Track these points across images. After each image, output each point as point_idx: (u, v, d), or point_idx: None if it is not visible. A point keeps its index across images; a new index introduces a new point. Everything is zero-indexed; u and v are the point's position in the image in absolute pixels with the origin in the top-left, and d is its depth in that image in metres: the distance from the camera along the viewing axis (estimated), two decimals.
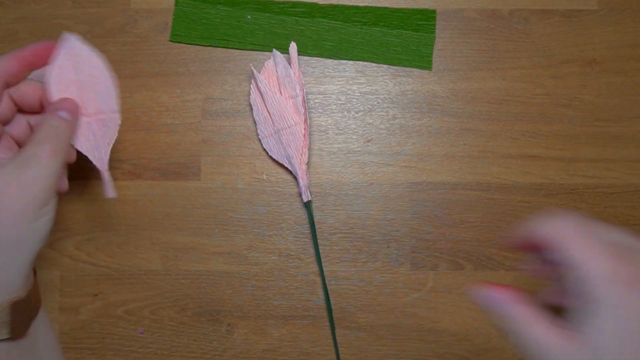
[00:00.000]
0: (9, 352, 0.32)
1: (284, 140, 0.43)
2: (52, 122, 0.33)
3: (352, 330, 0.44)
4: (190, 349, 0.44)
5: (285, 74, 0.43)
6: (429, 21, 0.46)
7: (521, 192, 0.45)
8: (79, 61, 0.35)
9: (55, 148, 0.32)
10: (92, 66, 0.35)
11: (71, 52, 0.35)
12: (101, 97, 0.36)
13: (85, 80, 0.35)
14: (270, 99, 0.43)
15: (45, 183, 0.31)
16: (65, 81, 0.35)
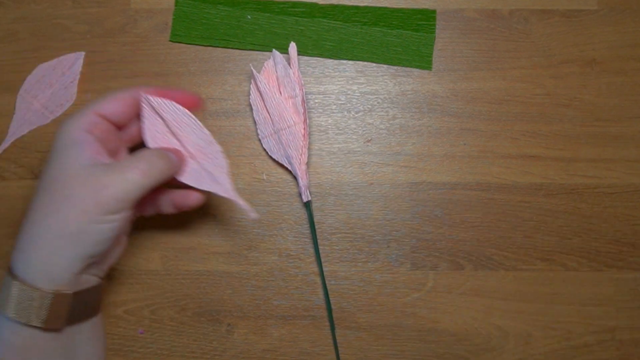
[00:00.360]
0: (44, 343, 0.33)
1: (284, 140, 0.43)
2: (156, 152, 0.36)
3: (352, 330, 0.44)
4: (190, 349, 0.44)
5: (284, 74, 0.43)
6: (429, 21, 0.46)
7: (521, 192, 0.45)
8: (161, 113, 0.37)
9: (148, 172, 0.34)
10: (173, 112, 0.37)
11: (152, 107, 0.37)
12: (195, 136, 0.38)
13: (175, 127, 0.37)
14: (270, 99, 0.43)
15: (122, 193, 0.33)
16: (161, 135, 0.38)
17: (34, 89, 0.46)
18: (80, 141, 0.34)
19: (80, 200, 0.32)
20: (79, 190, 0.32)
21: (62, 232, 0.32)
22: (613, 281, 0.44)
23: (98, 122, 0.35)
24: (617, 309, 0.44)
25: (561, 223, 0.45)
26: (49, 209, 0.33)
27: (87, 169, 0.33)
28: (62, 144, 0.34)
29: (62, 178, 0.33)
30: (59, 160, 0.34)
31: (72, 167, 0.33)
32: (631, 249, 0.45)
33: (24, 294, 0.32)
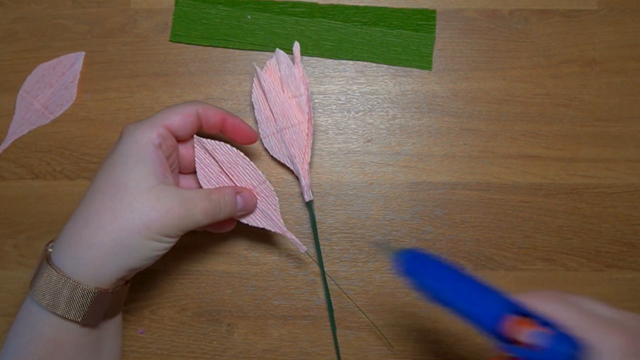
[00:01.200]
0: (77, 338, 0.34)
1: (287, 139, 0.43)
2: (227, 193, 0.37)
3: (352, 330, 0.44)
4: (190, 349, 0.44)
5: (288, 73, 0.43)
6: (429, 21, 0.46)
7: (521, 192, 0.45)
8: (215, 154, 0.38)
9: (210, 212, 0.36)
10: (226, 153, 0.39)
11: (205, 149, 0.38)
12: (247, 175, 0.39)
13: (227, 167, 0.39)
14: (274, 97, 0.43)
15: (184, 224, 0.35)
16: (214, 175, 0.39)
17: (34, 89, 0.46)
18: (152, 157, 0.34)
19: (146, 216, 0.33)
20: (147, 205, 0.33)
21: (120, 241, 0.33)
22: (613, 281, 0.44)
23: (166, 137, 0.36)
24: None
25: (561, 223, 0.45)
26: (111, 216, 0.33)
27: (157, 187, 0.34)
28: (131, 153, 0.34)
29: (129, 189, 0.33)
30: (127, 169, 0.34)
31: (141, 181, 0.34)
32: (631, 249, 0.45)
33: (66, 288, 0.33)
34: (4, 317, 0.45)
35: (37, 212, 0.45)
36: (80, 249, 0.33)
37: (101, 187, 0.34)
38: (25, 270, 0.45)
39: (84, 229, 0.34)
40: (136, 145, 0.34)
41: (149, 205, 0.33)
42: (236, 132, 0.40)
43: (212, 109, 0.38)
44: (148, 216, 0.33)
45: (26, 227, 0.45)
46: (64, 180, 0.45)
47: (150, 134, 0.35)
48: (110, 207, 0.33)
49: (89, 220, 0.34)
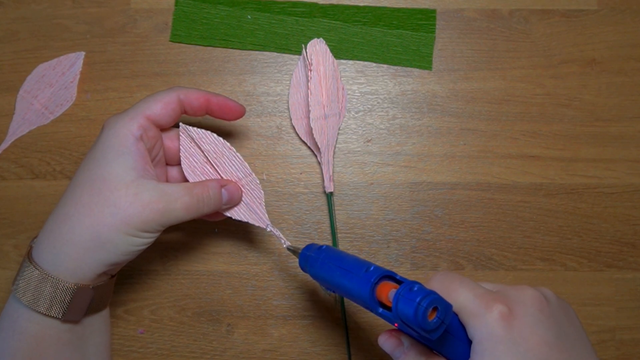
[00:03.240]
0: (59, 333, 0.34)
1: (329, 126, 0.43)
2: (211, 187, 0.36)
3: (352, 330, 0.44)
4: (190, 349, 0.44)
5: (330, 63, 0.44)
6: (428, 21, 0.46)
7: (521, 192, 0.45)
8: (200, 144, 0.37)
9: (192, 208, 0.35)
10: (212, 143, 0.38)
11: (191, 138, 0.37)
12: (233, 166, 0.38)
13: (213, 158, 0.38)
14: (330, 82, 0.43)
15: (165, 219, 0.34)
16: (199, 165, 0.38)
17: (34, 89, 0.45)
18: (132, 150, 0.34)
19: (124, 211, 0.33)
20: (125, 201, 0.33)
21: (98, 236, 0.33)
22: (613, 281, 0.44)
23: (147, 128, 0.35)
24: (617, 309, 0.44)
25: (561, 223, 0.44)
26: (89, 210, 0.33)
27: (136, 181, 0.33)
28: (111, 146, 0.34)
29: (108, 183, 0.33)
30: (107, 163, 0.33)
31: (120, 175, 0.33)
32: (631, 249, 0.44)
33: (46, 285, 0.33)
34: None
35: (37, 212, 0.45)
36: (59, 244, 0.33)
37: (80, 181, 0.34)
38: None
39: (62, 223, 0.33)
40: (116, 138, 0.34)
41: (126, 200, 0.33)
42: (223, 110, 0.39)
43: (194, 92, 0.37)
44: (126, 212, 0.32)
45: (26, 227, 0.45)
46: (64, 180, 0.45)
47: (131, 126, 0.34)
48: (88, 202, 0.33)
49: (67, 215, 0.33)
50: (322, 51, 0.44)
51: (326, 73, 0.43)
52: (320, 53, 0.44)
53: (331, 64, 0.44)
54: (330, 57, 0.44)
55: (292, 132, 0.45)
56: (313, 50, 0.43)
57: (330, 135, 0.44)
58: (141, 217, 0.33)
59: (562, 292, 0.44)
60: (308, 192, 0.45)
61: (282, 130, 0.45)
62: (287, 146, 0.45)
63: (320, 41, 0.44)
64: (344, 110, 0.44)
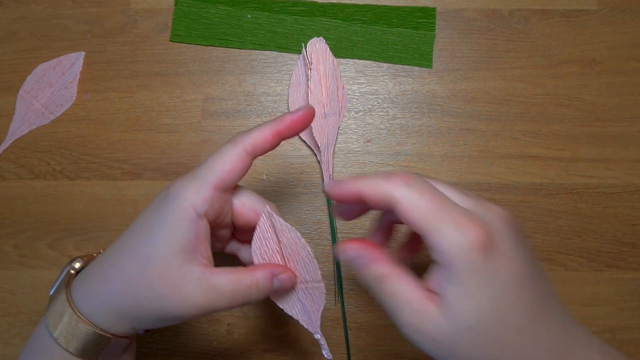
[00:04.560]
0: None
1: (329, 124, 0.43)
2: (261, 279, 0.32)
3: (352, 330, 0.44)
4: (190, 349, 0.44)
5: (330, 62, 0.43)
6: (428, 19, 0.45)
7: (521, 192, 0.44)
8: (280, 234, 0.35)
9: (237, 302, 0.31)
10: (290, 238, 0.35)
11: (271, 224, 0.35)
12: (304, 268, 0.36)
13: (287, 253, 0.35)
14: (329, 81, 0.43)
15: (195, 314, 0.31)
16: (269, 252, 0.35)
17: (34, 89, 0.45)
18: (190, 230, 0.30)
19: (163, 301, 0.30)
20: (167, 291, 0.30)
21: (133, 314, 0.31)
22: (613, 281, 0.44)
23: (215, 199, 0.31)
24: (617, 309, 0.44)
25: (561, 223, 0.44)
26: (132, 288, 0.31)
27: (181, 269, 0.30)
28: (168, 222, 0.31)
29: (152, 265, 0.30)
30: (158, 239, 0.31)
31: (167, 259, 0.30)
32: (631, 249, 0.44)
33: (90, 335, 0.32)
34: (3, 317, 0.44)
35: (37, 212, 0.45)
36: (99, 303, 0.32)
37: (131, 245, 0.32)
38: (25, 270, 0.44)
39: (104, 285, 0.32)
40: (176, 213, 0.30)
41: (167, 292, 0.30)
42: (296, 128, 0.34)
43: (260, 136, 0.32)
44: (163, 303, 0.30)
45: (26, 227, 0.45)
46: (64, 180, 0.45)
47: (196, 200, 0.30)
48: (133, 278, 0.31)
49: (110, 279, 0.32)
50: (322, 50, 0.43)
51: (326, 72, 0.43)
52: (320, 52, 0.43)
53: (331, 62, 0.43)
54: (330, 56, 0.43)
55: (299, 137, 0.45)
56: (313, 49, 0.43)
57: (330, 135, 0.43)
58: (179, 311, 0.30)
59: (562, 292, 0.44)
60: (308, 192, 0.45)
61: None
62: (287, 146, 0.45)
63: (320, 40, 0.43)
64: (344, 110, 0.44)
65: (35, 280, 0.44)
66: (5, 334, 0.44)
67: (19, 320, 0.44)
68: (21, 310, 0.44)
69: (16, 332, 0.44)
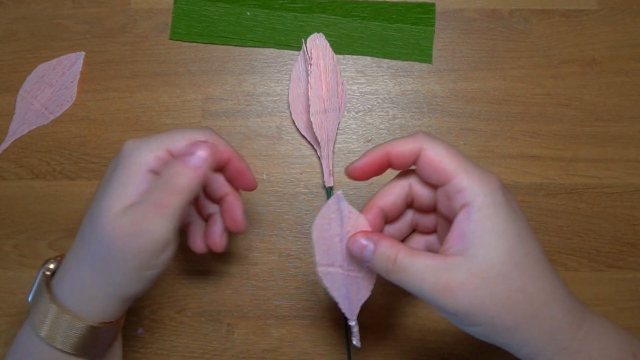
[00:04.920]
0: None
1: (329, 120, 0.43)
2: (176, 166, 0.31)
3: None
4: (190, 349, 0.44)
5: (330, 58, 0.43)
6: (428, 14, 0.45)
7: (521, 192, 0.44)
8: (343, 218, 0.34)
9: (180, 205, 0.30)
10: (355, 225, 0.33)
11: (338, 208, 0.33)
12: (359, 264, 0.34)
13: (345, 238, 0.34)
14: (330, 77, 0.43)
15: (163, 237, 0.30)
16: (330, 235, 0.34)
17: (34, 89, 0.45)
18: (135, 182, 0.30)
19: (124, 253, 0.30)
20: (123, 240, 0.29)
21: (110, 281, 0.31)
22: (613, 281, 0.44)
23: (167, 161, 0.31)
24: (617, 309, 0.44)
25: (561, 223, 0.44)
26: (96, 255, 0.30)
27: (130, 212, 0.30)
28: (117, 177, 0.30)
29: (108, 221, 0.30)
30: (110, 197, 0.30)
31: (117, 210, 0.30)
32: (631, 249, 0.44)
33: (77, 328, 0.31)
34: (3, 317, 0.44)
35: (37, 212, 0.44)
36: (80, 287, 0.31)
37: (88, 216, 0.32)
38: (25, 270, 0.44)
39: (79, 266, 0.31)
40: (126, 169, 0.31)
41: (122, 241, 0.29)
42: (238, 178, 0.35)
43: (222, 144, 0.34)
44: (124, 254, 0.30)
45: (26, 227, 0.44)
46: (64, 180, 0.45)
47: (148, 158, 0.31)
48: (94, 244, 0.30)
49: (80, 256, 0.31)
50: (322, 46, 0.43)
51: (326, 67, 0.42)
52: (320, 47, 0.43)
53: (331, 58, 0.43)
54: (330, 52, 0.43)
55: (292, 132, 0.45)
56: (313, 45, 0.43)
57: (330, 130, 0.43)
58: (149, 243, 0.30)
59: None
60: (308, 192, 0.44)
61: (282, 130, 0.45)
62: (287, 146, 0.45)
63: (320, 36, 0.43)
64: (343, 105, 0.44)
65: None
66: (5, 334, 0.44)
67: (19, 320, 0.44)
68: (21, 310, 0.44)
69: (16, 332, 0.44)
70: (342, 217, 0.33)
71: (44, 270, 0.33)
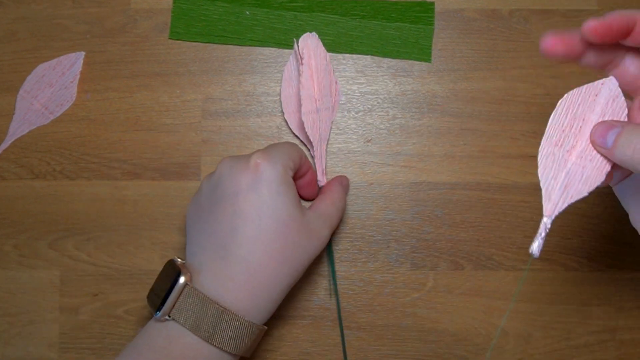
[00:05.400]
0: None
1: (322, 119, 0.42)
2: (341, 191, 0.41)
3: (352, 330, 0.43)
4: None
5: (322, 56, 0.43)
6: (427, 13, 0.45)
7: (521, 192, 0.44)
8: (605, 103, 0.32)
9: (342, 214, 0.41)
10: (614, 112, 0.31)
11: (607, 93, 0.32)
12: None
13: None
14: (322, 76, 0.42)
15: (328, 239, 0.38)
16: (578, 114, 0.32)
17: (34, 89, 0.45)
18: (294, 188, 0.36)
19: (308, 251, 0.36)
20: (305, 239, 0.36)
21: (290, 281, 0.36)
22: (613, 281, 0.44)
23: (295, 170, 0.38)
24: (617, 309, 0.43)
25: (561, 223, 0.44)
26: (284, 259, 0.35)
27: (304, 217, 0.36)
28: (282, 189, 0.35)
29: (292, 225, 0.35)
30: (282, 204, 0.35)
31: (297, 215, 0.35)
32: (631, 249, 0.44)
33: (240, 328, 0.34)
34: (3, 317, 0.44)
35: (37, 212, 0.44)
36: (257, 293, 0.34)
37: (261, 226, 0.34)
38: (25, 270, 0.44)
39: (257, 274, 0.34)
40: (281, 180, 0.35)
41: (305, 240, 0.35)
42: (305, 188, 0.41)
43: (307, 162, 0.39)
44: (309, 252, 0.36)
45: (26, 227, 0.44)
46: (64, 180, 0.45)
47: (287, 168, 0.36)
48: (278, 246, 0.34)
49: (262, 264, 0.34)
50: (313, 45, 0.42)
51: (318, 67, 0.42)
52: (311, 47, 0.42)
53: (323, 58, 0.43)
54: (323, 51, 0.43)
55: (292, 132, 0.45)
56: (304, 45, 0.42)
57: (323, 129, 0.42)
58: (317, 248, 0.37)
59: (562, 292, 0.44)
60: None
61: (282, 130, 0.45)
62: None
63: (312, 35, 0.43)
64: (337, 105, 0.43)
65: (35, 280, 0.44)
66: (5, 334, 0.43)
67: (19, 320, 0.44)
68: (21, 310, 0.44)
69: (16, 332, 0.44)
70: (603, 103, 0.31)
71: (184, 282, 0.34)
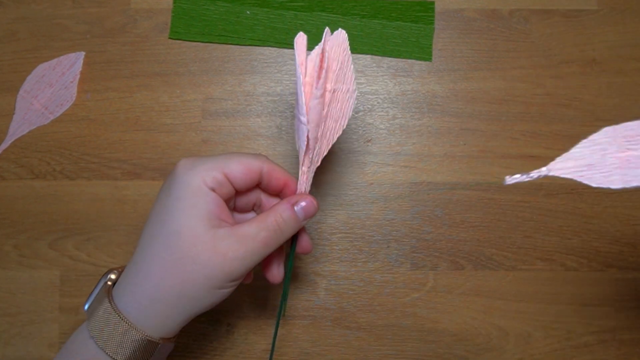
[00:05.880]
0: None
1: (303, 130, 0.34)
2: (282, 211, 0.33)
3: (352, 330, 0.43)
4: (190, 349, 0.43)
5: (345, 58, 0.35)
6: (427, 12, 0.45)
7: (521, 192, 0.44)
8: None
9: (272, 240, 0.33)
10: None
11: None
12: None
13: None
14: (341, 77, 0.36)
15: (239, 267, 0.32)
16: None
17: (34, 89, 0.45)
18: (206, 201, 0.32)
19: (204, 268, 0.31)
20: (205, 255, 0.31)
21: (183, 295, 0.32)
22: (613, 281, 0.44)
23: (223, 184, 0.32)
24: (617, 309, 0.43)
25: (561, 223, 0.44)
26: (171, 269, 0.31)
27: (210, 232, 0.31)
28: (183, 197, 0.31)
29: (184, 238, 0.31)
30: (180, 215, 0.31)
31: (194, 229, 0.31)
32: (631, 249, 0.44)
33: (132, 337, 0.32)
34: (4, 317, 0.44)
35: (37, 212, 0.44)
36: (145, 302, 0.32)
37: (155, 234, 0.32)
38: (25, 270, 0.44)
39: (145, 280, 0.32)
40: (189, 188, 0.32)
41: (205, 256, 0.31)
42: None
43: (278, 171, 0.34)
44: (206, 268, 0.31)
45: (26, 227, 0.44)
46: (64, 180, 0.44)
47: (206, 177, 0.32)
48: (169, 260, 0.31)
49: (149, 272, 0.32)
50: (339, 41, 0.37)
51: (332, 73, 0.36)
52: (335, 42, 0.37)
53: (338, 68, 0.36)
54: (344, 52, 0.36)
55: (292, 132, 0.45)
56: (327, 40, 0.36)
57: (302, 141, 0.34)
58: (224, 269, 0.31)
59: (562, 292, 0.44)
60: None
61: (282, 130, 0.45)
62: (287, 146, 0.45)
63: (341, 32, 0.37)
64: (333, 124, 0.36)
65: (35, 280, 0.44)
66: (5, 334, 0.43)
67: (19, 320, 0.44)
68: (21, 310, 0.44)
69: (16, 332, 0.44)
70: None
71: (106, 280, 0.34)
